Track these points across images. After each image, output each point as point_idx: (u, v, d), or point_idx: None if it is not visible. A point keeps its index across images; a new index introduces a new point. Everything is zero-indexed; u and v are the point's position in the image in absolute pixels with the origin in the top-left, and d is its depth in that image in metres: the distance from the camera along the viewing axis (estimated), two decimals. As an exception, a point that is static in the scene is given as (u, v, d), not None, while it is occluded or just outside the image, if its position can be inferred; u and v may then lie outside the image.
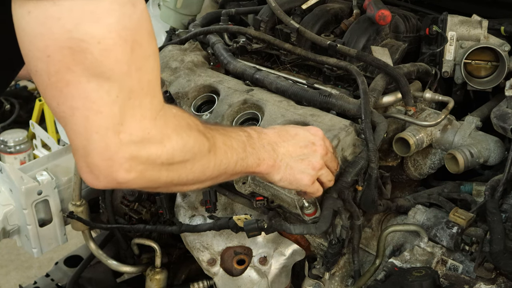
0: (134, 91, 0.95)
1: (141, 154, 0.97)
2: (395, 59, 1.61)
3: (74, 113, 0.93)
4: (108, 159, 0.95)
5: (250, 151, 1.21)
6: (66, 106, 0.93)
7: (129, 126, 0.95)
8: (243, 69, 1.65)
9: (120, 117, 0.94)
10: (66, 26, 0.88)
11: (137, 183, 1.01)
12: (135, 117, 0.96)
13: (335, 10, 1.77)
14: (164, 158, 1.01)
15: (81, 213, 1.76)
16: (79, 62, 0.90)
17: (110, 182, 0.98)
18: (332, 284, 1.47)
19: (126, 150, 0.96)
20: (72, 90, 0.91)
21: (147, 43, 0.96)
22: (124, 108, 0.94)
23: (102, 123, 0.93)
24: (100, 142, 0.94)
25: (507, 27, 1.63)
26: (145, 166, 0.99)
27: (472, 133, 1.47)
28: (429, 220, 1.42)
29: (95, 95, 0.92)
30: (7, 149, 3.87)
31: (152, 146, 0.99)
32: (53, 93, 0.93)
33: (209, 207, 1.52)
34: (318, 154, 1.28)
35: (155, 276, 1.80)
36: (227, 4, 2.03)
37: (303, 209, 1.38)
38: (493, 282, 1.24)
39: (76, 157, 0.98)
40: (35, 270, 3.30)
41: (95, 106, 0.92)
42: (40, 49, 0.90)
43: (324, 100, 1.50)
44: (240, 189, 1.48)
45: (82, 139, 0.95)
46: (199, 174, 1.11)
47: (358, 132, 1.45)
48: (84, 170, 0.98)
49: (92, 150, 0.95)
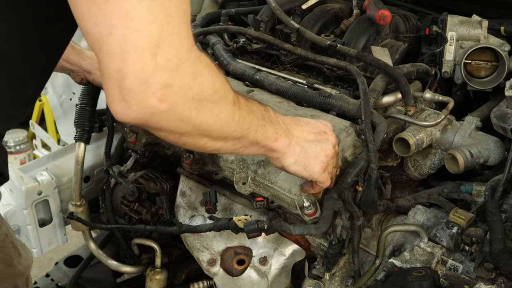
0: (173, 16, 0.93)
1: (175, 82, 0.95)
2: (395, 59, 1.61)
3: (112, 32, 0.91)
4: (144, 82, 0.92)
5: (269, 122, 1.19)
6: (104, 25, 0.91)
7: (166, 50, 0.93)
8: (243, 70, 1.65)
9: (158, 39, 0.92)
10: None
11: (166, 119, 0.98)
12: (173, 43, 0.94)
13: (335, 10, 1.77)
14: (195, 92, 0.99)
15: (81, 213, 1.76)
16: None
17: (142, 110, 0.95)
18: (332, 284, 1.47)
19: (161, 75, 0.93)
20: (111, 6, 0.90)
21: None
22: (163, 31, 0.92)
23: (140, 42, 0.91)
24: (137, 63, 0.91)
25: (507, 27, 1.64)
26: (177, 98, 0.96)
27: (472, 133, 1.47)
28: (429, 220, 1.43)
29: (134, 13, 0.90)
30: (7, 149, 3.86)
31: (186, 76, 0.96)
32: (91, 10, 0.91)
33: (209, 207, 1.52)
34: (330, 142, 1.28)
35: (155, 276, 1.80)
36: (227, 4, 2.03)
37: (303, 209, 1.38)
38: (493, 282, 1.24)
39: (109, 84, 0.95)
40: (35, 270, 3.29)
41: (134, 24, 0.90)
42: None
43: (324, 101, 1.50)
44: (240, 189, 1.48)
45: (118, 60, 0.92)
46: (225, 124, 1.07)
47: (358, 133, 1.45)
48: (116, 99, 0.95)
49: (128, 71, 0.92)
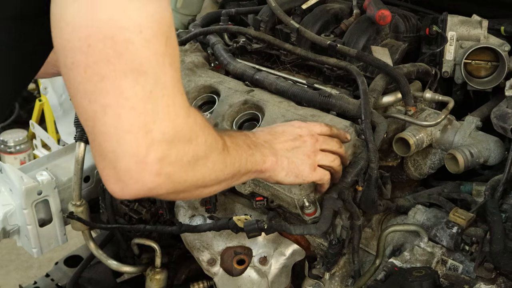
0: (168, 88, 0.94)
1: (171, 153, 0.95)
2: (395, 59, 1.61)
3: (105, 111, 0.90)
4: (140, 162, 0.92)
5: (254, 148, 1.22)
6: (98, 103, 0.90)
7: (162, 124, 0.93)
8: (243, 69, 1.65)
9: (153, 114, 0.92)
10: (112, 13, 0.87)
11: (165, 188, 0.98)
12: (169, 115, 0.94)
13: (335, 10, 1.77)
14: (190, 156, 0.99)
15: (81, 213, 1.76)
16: (119, 54, 0.88)
17: (139, 188, 0.95)
18: (332, 284, 1.47)
19: (157, 151, 0.93)
20: (107, 85, 0.89)
21: (174, 40, 0.96)
22: (158, 105, 0.92)
23: (134, 121, 0.90)
24: (132, 143, 0.91)
25: (507, 27, 1.64)
26: (173, 167, 0.97)
27: (472, 133, 1.47)
28: (429, 220, 1.43)
29: (130, 92, 0.90)
30: (7, 149, 3.87)
31: (181, 144, 0.97)
32: (86, 87, 0.90)
33: (209, 207, 1.53)
34: (308, 143, 1.31)
35: (155, 276, 1.80)
36: (227, 4, 2.03)
37: (303, 209, 1.38)
38: (493, 282, 1.24)
39: (103, 164, 0.94)
40: (35, 270, 3.30)
41: (129, 103, 0.90)
42: (82, 39, 0.88)
43: (324, 100, 1.50)
44: (240, 189, 1.48)
45: (112, 141, 0.91)
46: (219, 172, 1.10)
47: (358, 133, 1.45)
48: (112, 179, 0.94)
49: (123, 152, 0.91)
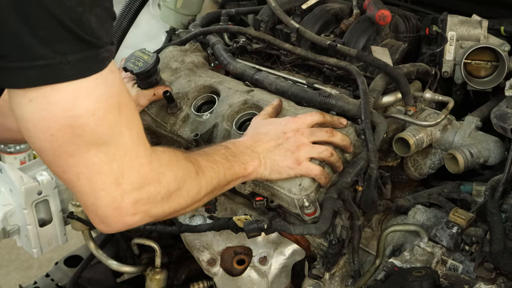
0: (128, 147, 1.08)
1: (143, 196, 1.11)
2: (395, 59, 1.61)
3: (79, 178, 1.06)
4: (116, 208, 1.09)
5: (232, 159, 1.32)
6: (71, 173, 1.06)
7: (129, 176, 1.08)
8: (243, 69, 1.65)
9: (119, 171, 1.07)
10: (66, 107, 0.99)
11: (144, 221, 1.15)
12: (134, 168, 1.09)
13: (335, 10, 1.77)
14: (163, 193, 1.15)
15: (81, 213, 1.76)
16: (79, 136, 1.02)
17: (120, 227, 1.13)
18: (332, 284, 1.47)
19: (130, 197, 1.09)
20: (75, 160, 1.04)
21: (128, 100, 1.09)
22: (122, 163, 1.07)
23: (105, 181, 1.06)
24: (107, 197, 1.07)
25: (507, 27, 1.63)
26: (148, 205, 1.13)
27: (472, 133, 1.47)
28: (429, 220, 1.42)
29: (95, 159, 1.05)
30: (7, 149, 3.86)
31: (151, 186, 1.13)
32: (58, 163, 1.05)
33: (209, 207, 1.52)
34: (291, 139, 1.36)
35: (155, 276, 1.80)
36: (227, 4, 2.03)
37: (303, 209, 1.38)
38: (493, 282, 1.24)
39: (87, 213, 1.12)
40: (35, 270, 3.30)
41: (97, 168, 1.05)
42: (44, 131, 1.01)
43: (324, 100, 1.50)
44: (240, 189, 1.48)
45: (90, 197, 1.08)
46: (195, 195, 1.24)
47: (358, 133, 1.45)
48: (97, 222, 1.12)
49: (101, 204, 1.08)
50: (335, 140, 1.39)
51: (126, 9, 1.96)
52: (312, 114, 1.42)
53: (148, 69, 1.54)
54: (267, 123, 1.42)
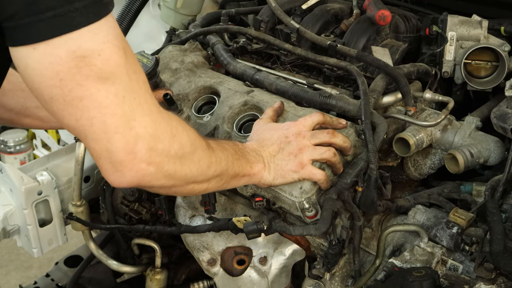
0: (136, 91, 1.08)
1: (157, 146, 1.10)
2: (395, 59, 1.61)
3: (92, 123, 1.05)
4: (131, 152, 1.08)
5: (241, 154, 1.33)
6: (84, 119, 1.05)
7: (142, 120, 1.08)
8: (243, 70, 1.65)
9: (131, 114, 1.06)
10: (70, 48, 1.00)
11: (156, 177, 1.13)
12: (144, 111, 1.08)
13: (335, 10, 1.76)
14: (176, 148, 1.14)
15: (81, 213, 1.76)
16: (87, 76, 1.02)
17: (134, 175, 1.11)
18: (332, 284, 1.47)
19: (144, 141, 1.08)
20: (86, 103, 1.04)
21: (130, 49, 1.09)
22: (133, 105, 1.07)
23: (118, 122, 1.05)
24: (121, 139, 1.06)
25: (507, 27, 1.63)
26: (162, 157, 1.12)
27: (472, 133, 1.47)
28: (429, 220, 1.43)
29: (106, 101, 1.04)
30: (7, 149, 3.87)
31: (165, 137, 1.12)
32: (70, 111, 1.04)
33: (208, 208, 1.52)
34: (293, 142, 1.37)
35: (155, 276, 1.80)
36: (227, 4, 2.03)
37: (304, 212, 1.38)
38: (493, 282, 1.24)
39: (100, 162, 1.10)
40: (35, 270, 3.30)
41: (109, 110, 1.05)
42: (52, 77, 1.01)
43: (324, 101, 1.50)
44: (241, 190, 1.48)
45: (104, 142, 1.07)
46: (205, 168, 1.23)
47: (358, 133, 1.45)
48: (110, 171, 1.10)
49: (115, 148, 1.07)
50: (336, 141, 1.39)
51: (126, 9, 1.96)
52: (312, 115, 1.42)
53: (148, 72, 1.54)
54: (269, 128, 1.42)
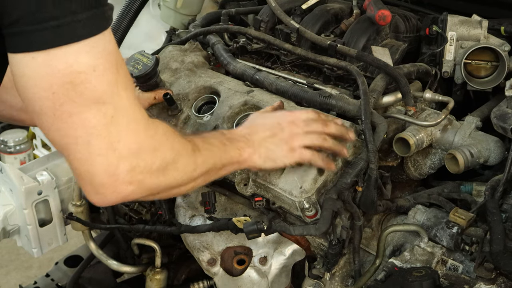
0: (126, 109, 1.08)
1: (139, 164, 1.10)
2: (395, 59, 1.61)
3: (77, 141, 1.05)
4: (112, 175, 1.08)
5: (228, 144, 1.33)
6: (69, 136, 1.05)
7: (126, 141, 1.08)
8: (243, 70, 1.65)
9: (117, 135, 1.07)
10: (69, 61, 1.00)
11: (139, 193, 1.13)
12: (129, 131, 1.09)
13: (335, 10, 1.76)
14: (158, 163, 1.14)
15: (81, 213, 1.76)
16: (80, 93, 1.02)
17: (116, 197, 1.11)
18: (332, 284, 1.47)
19: (125, 163, 1.08)
20: (75, 120, 1.04)
21: (123, 62, 1.10)
22: (119, 126, 1.07)
23: (102, 144, 1.06)
24: (103, 162, 1.06)
25: (507, 27, 1.63)
26: (143, 175, 1.11)
27: (472, 133, 1.47)
28: (429, 220, 1.43)
29: (94, 121, 1.04)
30: (7, 149, 3.86)
31: (147, 154, 1.12)
32: (58, 125, 1.04)
33: (208, 208, 1.52)
34: (286, 129, 1.38)
35: (155, 276, 1.80)
36: (227, 4, 2.03)
37: (304, 211, 1.38)
38: (493, 282, 1.24)
39: (82, 183, 1.10)
40: (35, 270, 3.30)
41: (95, 130, 1.05)
42: (46, 88, 1.01)
43: (324, 101, 1.50)
44: (241, 190, 1.48)
45: (86, 164, 1.07)
46: (191, 172, 1.23)
47: (358, 133, 1.45)
48: (92, 193, 1.11)
49: (97, 171, 1.07)
50: (329, 130, 1.40)
51: (126, 9, 1.96)
52: (308, 111, 1.43)
53: (148, 71, 1.54)
54: (263, 116, 1.45)
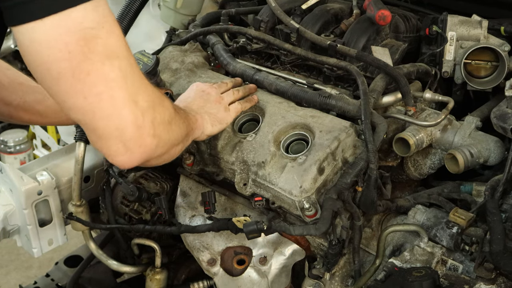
0: (133, 65, 1.11)
1: (156, 116, 1.14)
2: (395, 59, 1.61)
3: (101, 98, 1.06)
4: (140, 127, 1.10)
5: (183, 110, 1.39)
6: (91, 95, 1.05)
7: (143, 94, 1.11)
8: (243, 70, 1.65)
9: (134, 88, 1.09)
10: (78, 19, 1.02)
11: (160, 148, 1.17)
12: (142, 85, 1.12)
13: (335, 10, 1.77)
14: (167, 115, 1.20)
15: (81, 213, 1.76)
16: (93, 49, 1.04)
17: (143, 151, 1.13)
18: (332, 284, 1.47)
19: (148, 115, 1.11)
20: (93, 77, 1.04)
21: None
22: (133, 80, 1.10)
23: (126, 96, 1.08)
24: (130, 114, 1.08)
25: (507, 27, 1.63)
26: (161, 127, 1.15)
27: (472, 133, 1.47)
28: (429, 220, 1.43)
29: (112, 74, 1.06)
30: (7, 149, 3.86)
31: (159, 107, 1.16)
32: (78, 87, 1.05)
33: (208, 208, 1.52)
34: (212, 92, 1.52)
35: (155, 276, 1.80)
36: (227, 4, 2.03)
37: (303, 211, 1.38)
38: (493, 282, 1.24)
39: (110, 143, 1.10)
40: (35, 270, 3.30)
41: (116, 84, 1.06)
42: (61, 49, 1.02)
43: (324, 101, 1.50)
44: (241, 190, 1.48)
45: (114, 119, 1.08)
46: (182, 130, 1.29)
47: (358, 133, 1.45)
48: (121, 152, 1.11)
49: (126, 124, 1.09)
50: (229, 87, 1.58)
51: (126, 9, 1.96)
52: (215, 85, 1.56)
53: (148, 71, 1.55)
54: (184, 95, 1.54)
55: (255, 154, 1.46)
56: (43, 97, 1.55)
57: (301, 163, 1.40)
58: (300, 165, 1.40)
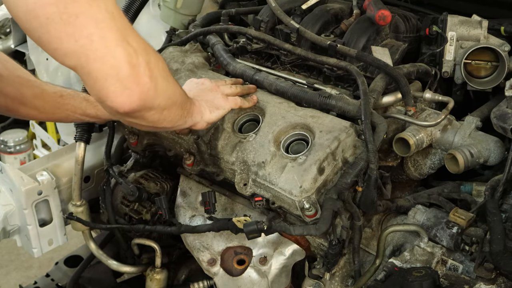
0: (117, 7, 1.11)
1: (150, 59, 1.14)
2: (395, 59, 1.61)
3: (92, 39, 1.06)
4: (135, 65, 1.11)
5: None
6: (83, 37, 1.06)
7: (132, 36, 1.12)
8: (243, 70, 1.65)
9: (123, 29, 1.10)
10: None
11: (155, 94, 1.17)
12: (130, 28, 1.13)
13: (335, 10, 1.77)
14: (162, 65, 1.20)
15: (81, 213, 1.76)
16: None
17: (142, 90, 1.13)
18: (332, 284, 1.48)
19: (141, 55, 1.12)
20: (82, 19, 1.05)
21: None
22: (122, 22, 1.11)
23: (117, 35, 1.09)
24: (123, 52, 1.09)
25: (507, 27, 1.63)
26: (156, 72, 1.16)
27: (472, 133, 1.47)
28: (429, 220, 1.43)
29: (100, 16, 1.07)
30: (7, 149, 3.86)
31: (153, 52, 1.17)
32: (68, 31, 1.05)
33: (208, 208, 1.52)
34: (207, 83, 1.56)
35: (155, 276, 1.80)
36: (227, 4, 2.03)
37: (303, 211, 1.38)
38: (493, 282, 1.24)
39: (108, 83, 1.10)
40: (35, 270, 3.30)
41: (105, 24, 1.07)
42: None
43: (324, 101, 1.50)
44: (241, 190, 1.48)
45: (108, 58, 1.08)
46: (175, 90, 1.29)
47: (358, 133, 1.45)
48: (119, 91, 1.12)
49: (120, 62, 1.09)
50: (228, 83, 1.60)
51: (126, 9, 1.96)
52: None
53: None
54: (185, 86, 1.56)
55: (255, 154, 1.46)
56: (41, 92, 1.55)
57: (301, 163, 1.40)
58: (300, 165, 1.40)
